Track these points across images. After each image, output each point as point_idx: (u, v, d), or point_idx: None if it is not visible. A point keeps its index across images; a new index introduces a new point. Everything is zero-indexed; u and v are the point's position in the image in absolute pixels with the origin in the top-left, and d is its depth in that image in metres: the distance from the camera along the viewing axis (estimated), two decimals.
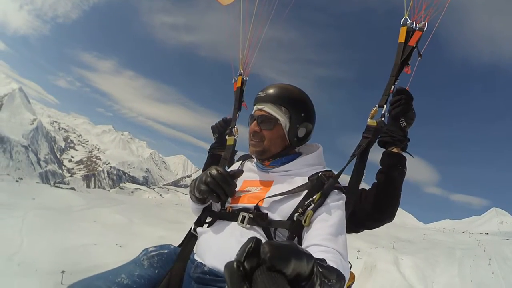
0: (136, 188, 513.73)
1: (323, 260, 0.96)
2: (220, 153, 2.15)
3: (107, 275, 1.41)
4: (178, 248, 1.60)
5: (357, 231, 1.81)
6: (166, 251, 1.56)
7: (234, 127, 2.11)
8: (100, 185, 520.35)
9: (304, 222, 1.32)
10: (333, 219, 1.33)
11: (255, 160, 1.69)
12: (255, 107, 1.62)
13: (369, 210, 1.71)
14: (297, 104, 1.58)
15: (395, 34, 1.73)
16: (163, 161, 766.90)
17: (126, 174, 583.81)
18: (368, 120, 1.66)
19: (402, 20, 1.70)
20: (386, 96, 1.67)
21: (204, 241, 1.51)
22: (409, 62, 1.68)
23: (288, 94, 1.58)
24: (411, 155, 1.75)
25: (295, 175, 1.53)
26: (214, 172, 1.48)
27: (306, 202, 1.38)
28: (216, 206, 1.62)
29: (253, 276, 0.65)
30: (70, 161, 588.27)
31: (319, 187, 1.43)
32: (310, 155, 1.62)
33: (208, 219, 1.62)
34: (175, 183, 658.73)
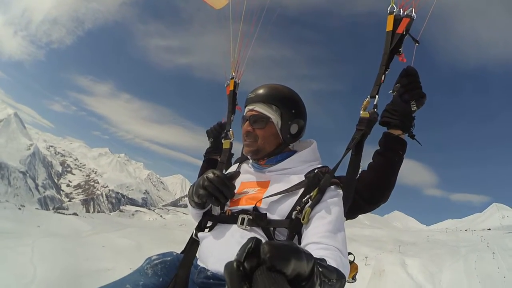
0: (136, 211, 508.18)
1: (323, 260, 0.96)
2: (215, 157, 2.22)
3: (112, 286, 1.43)
4: (181, 255, 1.63)
5: (353, 217, 1.79)
6: (169, 258, 1.58)
7: (230, 130, 2.15)
8: (99, 209, 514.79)
9: (303, 220, 1.33)
10: (331, 216, 1.33)
11: (251, 161, 1.72)
12: (246, 108, 1.65)
13: (365, 193, 1.69)
14: (287, 102, 1.61)
15: (383, 42, 1.71)
16: (161, 182, 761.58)
17: (125, 197, 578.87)
18: (361, 112, 1.63)
19: (388, 8, 1.69)
20: (378, 86, 1.66)
21: (206, 246, 1.52)
22: (400, 50, 1.66)
23: (277, 92, 1.61)
24: (419, 143, 1.71)
25: (291, 173, 1.55)
26: (211, 175, 1.49)
27: (304, 200, 1.39)
28: (216, 210, 1.64)
29: (253, 276, 0.65)
30: (68, 185, 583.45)
31: (316, 184, 1.44)
32: (304, 151, 1.64)
33: (209, 224, 1.64)
34: (175, 203, 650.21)
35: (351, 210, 1.66)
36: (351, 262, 1.71)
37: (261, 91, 1.61)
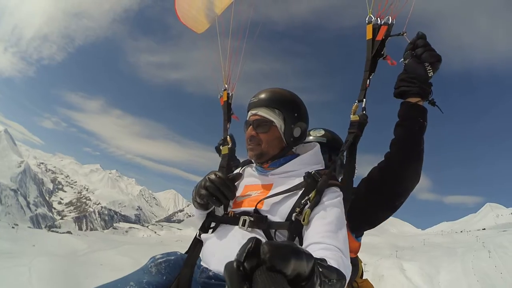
0: (130, 227, 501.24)
1: (324, 260, 0.95)
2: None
3: (116, 283, 1.45)
4: (185, 255, 1.65)
5: (375, 219, 1.77)
6: (173, 257, 1.60)
7: (227, 137, 2.21)
8: (92, 227, 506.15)
9: (303, 221, 1.33)
10: (331, 216, 1.33)
11: (254, 164, 1.74)
12: (249, 113, 1.66)
13: (387, 174, 1.68)
14: (289, 105, 1.62)
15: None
16: (154, 197, 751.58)
17: (118, 214, 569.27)
18: (351, 116, 1.68)
19: (366, 19, 1.76)
20: (364, 90, 1.71)
21: (209, 246, 1.53)
22: (383, 53, 1.72)
23: (279, 96, 1.62)
24: (441, 110, 1.67)
25: (294, 175, 1.55)
26: (212, 176, 1.53)
27: (303, 201, 1.40)
28: (219, 211, 1.68)
29: (253, 276, 0.65)
30: (59, 203, 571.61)
31: (314, 185, 1.44)
32: (307, 154, 1.65)
33: (212, 225, 1.67)
34: (168, 219, 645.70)
35: (373, 210, 1.71)
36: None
37: (263, 95, 1.62)
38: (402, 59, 1.72)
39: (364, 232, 1.90)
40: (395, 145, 1.67)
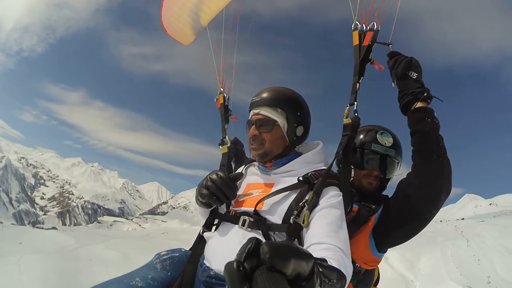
0: (114, 221, 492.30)
1: (324, 260, 0.95)
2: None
3: (122, 279, 1.47)
4: (189, 252, 1.68)
5: (414, 228, 1.64)
6: (177, 254, 1.64)
7: (225, 137, 2.23)
8: (76, 221, 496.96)
9: (303, 223, 1.32)
10: (331, 216, 1.33)
11: (257, 163, 1.74)
12: (251, 112, 1.65)
13: (414, 180, 1.59)
14: (292, 104, 1.61)
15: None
16: (137, 190, 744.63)
17: (101, 207, 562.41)
18: (344, 120, 1.70)
19: (352, 26, 1.80)
20: (354, 94, 1.72)
21: (211, 245, 1.54)
22: (370, 58, 1.76)
23: (282, 95, 1.61)
24: (440, 99, 1.66)
25: (296, 175, 1.53)
26: (214, 176, 1.54)
27: (300, 203, 1.39)
28: (222, 208, 1.68)
29: (253, 276, 0.65)
30: (42, 198, 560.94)
31: (310, 187, 1.44)
32: (309, 153, 1.64)
33: (215, 221, 1.69)
34: (152, 211, 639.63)
35: (408, 216, 1.60)
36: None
37: (265, 94, 1.61)
38: (392, 83, 1.77)
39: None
40: (414, 154, 1.63)
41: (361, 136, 2.00)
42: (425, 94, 1.63)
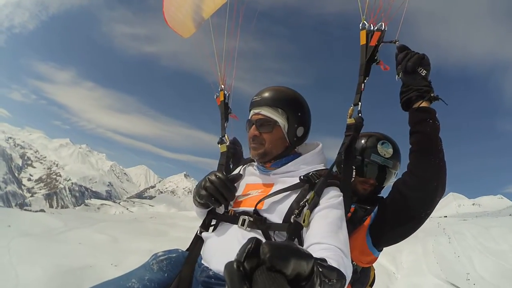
0: (102, 204, 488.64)
1: (324, 260, 0.94)
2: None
3: (118, 280, 1.44)
4: (186, 252, 1.66)
5: (410, 227, 1.63)
6: (174, 255, 1.62)
7: (225, 135, 2.19)
8: (63, 204, 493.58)
9: (303, 223, 1.32)
10: (331, 216, 1.32)
11: (256, 163, 1.72)
12: (251, 111, 1.63)
13: (410, 180, 1.57)
14: (293, 105, 1.60)
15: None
16: (125, 173, 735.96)
17: (89, 190, 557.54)
18: (347, 120, 1.68)
19: (360, 25, 1.76)
20: (359, 94, 1.69)
21: (209, 245, 1.53)
22: (376, 58, 1.73)
23: (283, 95, 1.59)
24: (445, 102, 1.61)
25: (295, 175, 1.53)
26: (212, 177, 1.54)
27: (301, 203, 1.38)
28: (220, 209, 1.66)
29: (253, 276, 0.65)
30: (29, 179, 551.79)
31: (311, 187, 1.43)
32: (309, 154, 1.64)
33: (213, 222, 1.68)
34: (139, 195, 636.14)
35: (404, 221, 1.60)
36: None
37: (266, 94, 1.59)
38: (397, 76, 1.73)
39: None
40: (412, 153, 1.62)
41: (362, 142, 2.03)
42: (431, 94, 1.60)
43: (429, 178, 1.54)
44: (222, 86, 2.32)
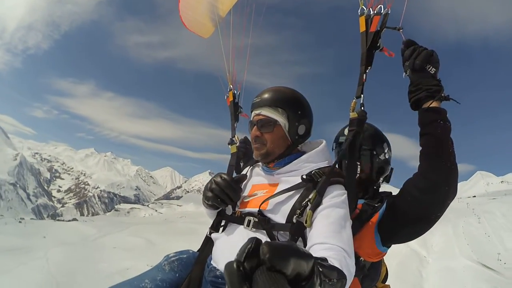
0: (131, 208, 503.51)
1: (324, 259, 0.94)
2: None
3: (132, 281, 1.49)
4: (197, 253, 1.70)
5: (421, 229, 1.57)
6: (185, 256, 1.66)
7: (235, 136, 2.18)
8: (93, 211, 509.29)
9: (306, 223, 1.31)
10: (334, 216, 1.31)
11: (261, 164, 1.73)
12: (252, 113, 1.65)
13: (420, 183, 1.50)
14: (293, 103, 1.59)
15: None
16: (151, 176, 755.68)
17: (117, 196, 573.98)
18: (350, 113, 1.62)
19: (359, 11, 1.68)
20: (361, 86, 1.64)
21: (218, 246, 1.56)
22: (379, 45, 1.63)
23: (282, 95, 1.60)
24: (457, 102, 1.53)
25: (299, 174, 1.51)
26: (218, 179, 1.56)
27: (303, 203, 1.38)
28: (229, 210, 1.68)
29: (253, 276, 0.66)
30: (58, 191, 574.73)
31: (314, 186, 1.42)
32: (312, 152, 1.61)
33: (222, 223, 1.69)
34: (167, 196, 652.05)
35: (413, 218, 1.56)
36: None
37: (266, 95, 1.60)
38: (404, 73, 1.63)
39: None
40: (422, 155, 1.54)
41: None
42: (442, 94, 1.51)
43: (441, 182, 1.47)
44: (231, 86, 2.31)
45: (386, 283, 2.13)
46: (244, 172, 1.85)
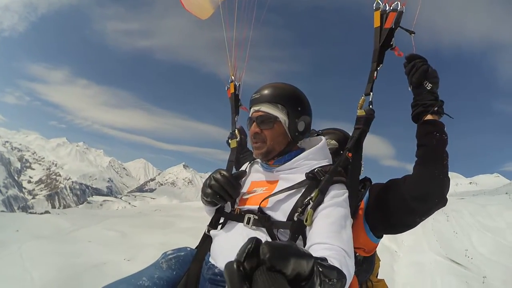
0: (104, 200, 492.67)
1: (324, 259, 0.94)
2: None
3: (130, 279, 1.47)
4: (195, 250, 1.68)
5: (408, 225, 1.62)
6: (183, 253, 1.64)
7: (235, 130, 2.14)
8: (65, 203, 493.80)
9: (306, 222, 1.30)
10: (335, 215, 1.30)
11: (260, 161, 1.70)
12: (251, 109, 1.62)
13: (413, 191, 1.51)
14: (292, 100, 1.58)
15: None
16: (124, 168, 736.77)
17: (89, 187, 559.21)
18: (358, 111, 1.60)
19: (374, 5, 1.65)
20: (371, 83, 1.61)
21: (216, 243, 1.55)
22: (392, 44, 1.62)
23: (282, 91, 1.58)
24: (451, 116, 1.57)
25: (299, 172, 1.51)
26: (217, 175, 1.55)
27: (305, 201, 1.37)
28: (227, 207, 1.66)
29: (253, 276, 0.66)
30: (29, 182, 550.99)
31: (316, 184, 1.41)
32: (312, 149, 1.60)
33: (221, 220, 1.68)
34: (140, 189, 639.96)
35: (400, 218, 1.59)
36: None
37: (265, 91, 1.58)
38: (409, 87, 1.64)
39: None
40: (417, 165, 1.55)
41: None
42: (435, 108, 1.55)
43: (432, 193, 1.50)
44: (233, 77, 2.25)
45: (379, 277, 2.19)
46: (243, 168, 1.86)
